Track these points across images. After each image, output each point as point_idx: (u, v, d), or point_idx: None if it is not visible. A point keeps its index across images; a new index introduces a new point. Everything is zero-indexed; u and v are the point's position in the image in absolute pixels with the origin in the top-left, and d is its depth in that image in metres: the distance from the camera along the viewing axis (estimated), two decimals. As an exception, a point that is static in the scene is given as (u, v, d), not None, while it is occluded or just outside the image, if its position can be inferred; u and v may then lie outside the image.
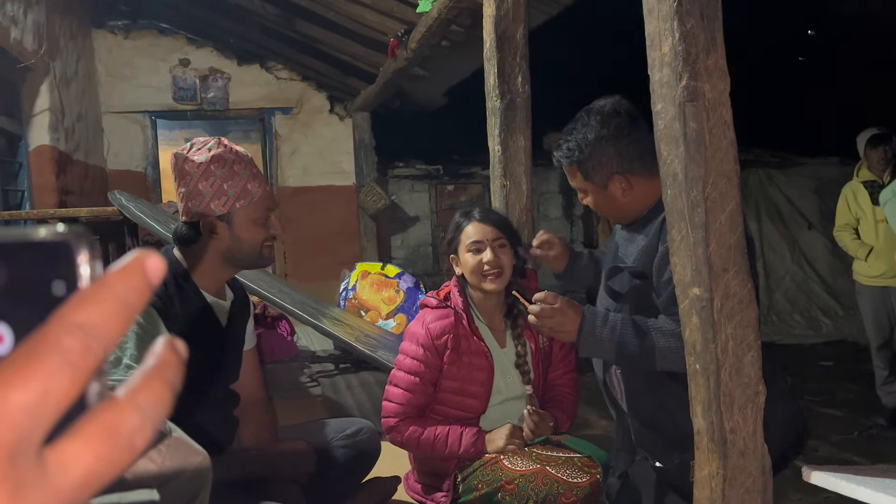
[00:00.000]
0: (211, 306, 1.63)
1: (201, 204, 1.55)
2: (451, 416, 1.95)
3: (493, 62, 2.54)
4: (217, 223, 1.56)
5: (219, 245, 1.58)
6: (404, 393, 1.92)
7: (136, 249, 0.31)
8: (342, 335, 2.87)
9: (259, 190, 1.60)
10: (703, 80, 1.49)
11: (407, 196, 6.96)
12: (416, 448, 1.94)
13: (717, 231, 1.51)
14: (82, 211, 3.16)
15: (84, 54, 5.72)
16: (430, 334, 1.91)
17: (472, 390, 1.93)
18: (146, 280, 0.28)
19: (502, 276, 1.89)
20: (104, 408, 0.28)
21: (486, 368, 1.92)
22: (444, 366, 1.91)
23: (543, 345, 2.02)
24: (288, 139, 6.68)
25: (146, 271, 0.28)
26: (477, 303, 2.00)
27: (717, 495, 1.53)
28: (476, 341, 1.92)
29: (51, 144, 4.51)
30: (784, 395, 1.71)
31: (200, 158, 1.55)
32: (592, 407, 5.54)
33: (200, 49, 6.43)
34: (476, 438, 1.89)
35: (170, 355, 0.30)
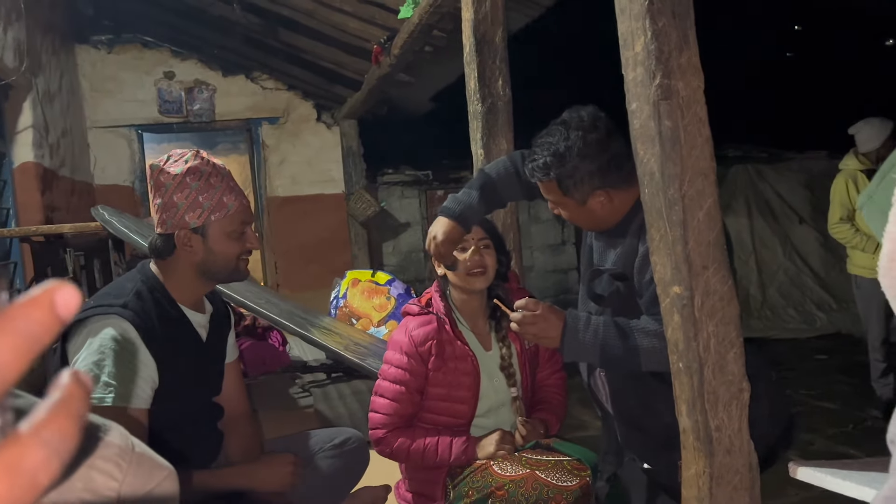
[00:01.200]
0: (189, 319, 1.62)
1: (176, 216, 1.54)
2: (440, 423, 1.94)
3: (473, 66, 2.54)
4: (191, 236, 1.55)
5: (193, 258, 1.57)
6: (390, 403, 1.91)
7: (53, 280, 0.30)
8: (331, 344, 2.86)
9: (235, 203, 1.59)
10: (676, 77, 1.49)
11: (397, 202, 6.94)
12: (406, 458, 1.93)
13: (696, 228, 1.51)
14: (65, 227, 3.14)
15: (67, 70, 5.70)
16: (413, 342, 1.90)
17: (460, 395, 1.92)
18: (54, 313, 0.27)
19: (486, 275, 1.91)
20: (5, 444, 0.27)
21: (471, 373, 1.91)
22: (430, 373, 1.90)
23: (529, 346, 2.01)
24: (276, 149, 6.67)
25: (55, 304, 0.27)
26: (459, 307, 1.99)
27: (705, 494, 1.52)
28: (460, 346, 1.91)
29: (35, 161, 4.49)
30: (769, 390, 1.71)
31: (176, 170, 1.54)
32: (587, 408, 5.54)
33: (185, 61, 6.41)
34: (466, 446, 1.88)
35: (75, 387, 0.29)
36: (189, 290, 1.61)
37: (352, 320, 4.28)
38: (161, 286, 1.59)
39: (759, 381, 1.58)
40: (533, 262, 7.32)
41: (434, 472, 1.94)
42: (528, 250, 7.29)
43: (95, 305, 1.51)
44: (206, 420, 1.72)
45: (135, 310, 1.50)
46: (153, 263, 1.63)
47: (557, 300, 7.41)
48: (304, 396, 3.59)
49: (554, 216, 7.28)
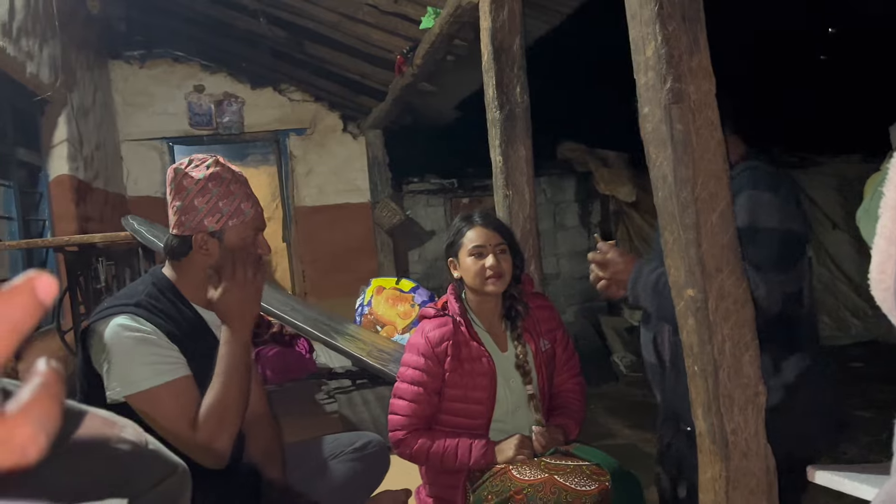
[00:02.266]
0: (204, 319, 1.65)
1: (195, 219, 1.57)
2: (458, 424, 1.95)
3: (492, 74, 2.56)
4: (209, 239, 1.58)
5: (207, 260, 1.60)
6: (409, 404, 1.93)
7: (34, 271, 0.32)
8: (354, 350, 2.89)
9: (251, 210, 1.62)
10: (687, 81, 1.50)
11: (422, 211, 6.98)
12: (426, 461, 1.94)
13: (709, 231, 1.51)
14: (96, 237, 3.23)
15: (101, 85, 5.86)
16: (429, 343, 1.93)
17: (476, 396, 1.93)
18: (36, 299, 0.29)
19: (503, 279, 1.94)
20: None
21: (487, 373, 1.92)
22: (446, 373, 1.92)
23: (545, 348, 2.02)
24: (303, 159, 6.76)
25: (36, 291, 0.29)
26: (474, 308, 2.02)
27: (721, 498, 1.51)
28: (476, 346, 1.93)
29: (70, 174, 4.62)
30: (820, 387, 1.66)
31: (199, 175, 1.58)
32: (616, 417, 5.50)
33: (214, 75, 6.55)
34: (485, 450, 1.89)
35: (52, 373, 0.31)
36: (202, 291, 1.63)
37: (377, 327, 4.31)
38: (173, 287, 1.63)
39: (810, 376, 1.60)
40: (559, 270, 7.30)
41: (453, 477, 1.95)
42: (554, 258, 7.27)
43: (109, 307, 1.55)
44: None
45: (147, 307, 1.53)
46: (166, 267, 1.67)
47: (583, 307, 7.36)
48: (329, 402, 3.63)
49: (580, 223, 7.26)
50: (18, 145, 4.12)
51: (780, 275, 1.57)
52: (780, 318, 1.59)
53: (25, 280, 0.30)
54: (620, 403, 5.74)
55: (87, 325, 1.56)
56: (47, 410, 0.30)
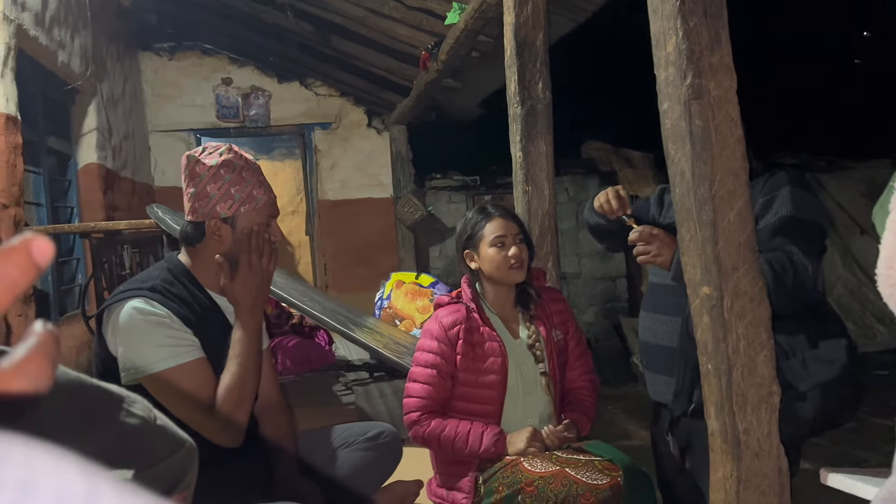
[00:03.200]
0: (218, 304, 1.67)
1: (208, 205, 1.60)
2: (470, 411, 1.97)
3: (514, 69, 2.56)
4: (221, 225, 1.60)
5: (220, 247, 1.62)
6: (423, 387, 1.97)
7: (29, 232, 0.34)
8: (370, 342, 2.91)
9: (264, 197, 1.64)
10: (707, 77, 1.49)
11: (444, 207, 6.99)
12: (437, 445, 1.96)
13: (726, 229, 1.50)
14: (121, 224, 3.28)
15: (131, 76, 5.95)
16: (442, 327, 1.98)
17: (488, 380, 1.96)
18: (31, 259, 0.30)
19: (523, 269, 2.00)
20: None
21: (499, 356, 1.96)
22: (458, 357, 1.95)
23: (557, 338, 2.05)
24: (327, 154, 6.81)
25: (32, 251, 0.30)
26: (489, 298, 2.07)
27: (732, 497, 1.51)
28: (488, 331, 1.98)
29: (98, 162, 4.69)
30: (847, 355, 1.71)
31: (211, 162, 1.60)
32: (633, 417, 5.47)
33: (242, 68, 6.61)
34: (497, 439, 1.91)
35: (48, 334, 0.32)
36: (216, 276, 1.65)
37: (395, 321, 4.33)
38: (188, 272, 1.65)
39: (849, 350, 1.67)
40: (580, 269, 7.27)
41: (463, 467, 1.96)
42: (576, 257, 7.24)
43: (124, 290, 1.58)
44: None
45: (161, 291, 1.56)
46: (181, 253, 1.70)
47: (604, 308, 7.32)
48: (346, 394, 3.65)
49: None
50: (49, 133, 4.20)
51: (818, 261, 1.71)
52: (819, 301, 1.76)
53: (22, 241, 0.30)
54: (638, 405, 5.70)
55: (103, 308, 1.59)
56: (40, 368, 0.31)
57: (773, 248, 1.69)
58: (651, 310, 2.03)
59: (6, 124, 3.10)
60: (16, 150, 3.18)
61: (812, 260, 1.67)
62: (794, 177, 1.81)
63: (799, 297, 1.65)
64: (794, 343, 1.67)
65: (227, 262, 1.58)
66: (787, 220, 1.70)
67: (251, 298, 1.58)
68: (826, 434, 4.36)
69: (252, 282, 1.57)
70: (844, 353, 1.67)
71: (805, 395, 1.63)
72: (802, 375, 1.63)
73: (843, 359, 1.65)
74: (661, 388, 1.98)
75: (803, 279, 1.63)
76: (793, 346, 1.66)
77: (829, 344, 1.68)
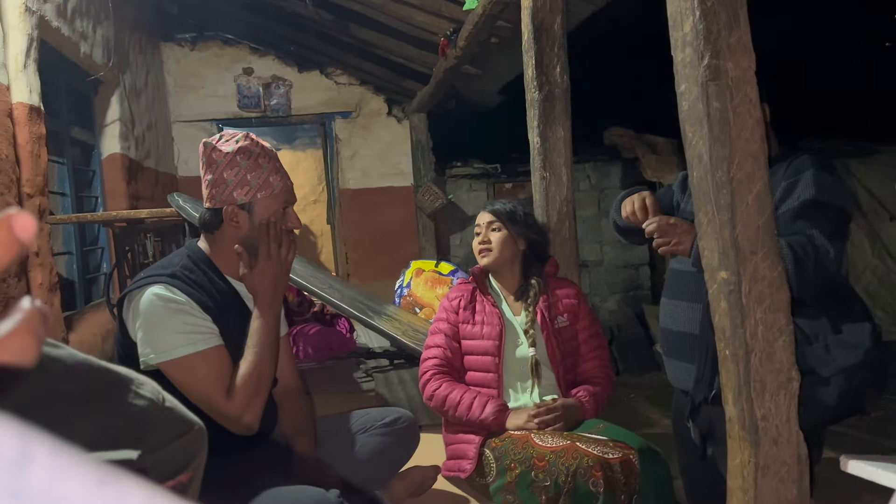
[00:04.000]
0: (237, 290, 1.68)
1: (225, 192, 1.60)
2: (474, 380, 2.12)
3: (531, 54, 2.54)
4: (238, 212, 1.61)
5: (238, 233, 1.63)
6: (433, 349, 2.16)
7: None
8: (389, 329, 2.91)
9: (280, 183, 1.64)
10: (725, 58, 1.46)
11: (465, 195, 6.97)
12: (443, 406, 2.07)
13: (745, 213, 1.47)
14: (143, 212, 3.32)
15: (153, 66, 6.00)
16: (448, 298, 2.23)
17: (486, 346, 2.10)
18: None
19: (491, 254, 2.18)
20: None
21: (497, 325, 2.10)
22: (460, 324, 2.14)
23: (561, 324, 2.14)
24: (348, 142, 6.82)
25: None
26: (496, 279, 2.25)
27: (750, 484, 1.49)
28: (489, 303, 2.16)
29: (122, 153, 4.75)
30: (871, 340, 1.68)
31: (228, 149, 1.61)
32: (656, 406, 5.44)
33: (263, 58, 6.63)
34: (499, 409, 2.00)
35: (33, 310, 0.32)
36: (235, 263, 1.66)
37: (415, 309, 4.34)
38: (207, 259, 1.66)
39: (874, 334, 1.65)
40: (602, 257, 7.22)
41: (468, 446, 2.05)
42: (598, 245, 7.19)
43: (145, 277, 1.60)
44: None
45: (181, 278, 1.57)
46: (201, 240, 1.71)
47: (627, 296, 7.27)
48: (366, 381, 3.67)
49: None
50: (73, 124, 4.25)
51: (841, 245, 1.69)
52: (842, 284, 1.74)
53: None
54: (661, 393, 5.67)
55: (124, 294, 1.61)
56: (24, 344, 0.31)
57: (794, 231, 1.66)
58: (672, 296, 2.02)
59: (30, 115, 3.15)
60: (40, 140, 3.22)
61: (834, 243, 1.64)
62: (818, 160, 1.78)
63: (821, 282, 1.62)
64: (816, 327, 1.64)
65: (246, 251, 1.59)
66: (810, 204, 1.67)
67: (270, 289, 1.59)
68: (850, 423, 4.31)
69: (271, 272, 1.58)
70: (868, 337, 1.63)
71: (828, 380, 1.61)
72: (825, 360, 1.61)
73: (867, 343, 1.62)
74: (682, 374, 1.96)
75: (825, 263, 1.60)
76: (815, 330, 1.64)
77: (853, 328, 1.64)
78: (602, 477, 1.71)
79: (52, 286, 3.31)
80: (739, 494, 1.51)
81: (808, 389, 1.54)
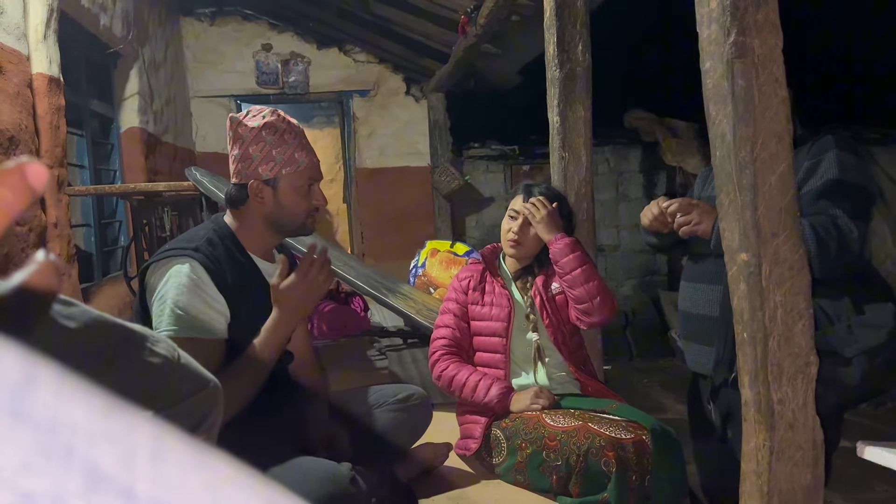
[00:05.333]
0: (258, 267, 1.69)
1: (250, 167, 1.61)
2: (482, 360, 2.12)
3: (553, 31, 2.50)
4: (263, 187, 1.62)
5: (263, 209, 1.64)
6: (443, 329, 2.16)
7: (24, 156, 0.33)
8: (403, 307, 2.92)
9: (306, 160, 1.65)
10: (752, 35, 1.42)
11: (482, 176, 6.94)
12: (450, 386, 2.08)
13: (767, 194, 1.44)
14: (160, 185, 3.33)
15: (172, 41, 5.99)
16: (458, 278, 2.22)
17: (494, 327, 2.09)
18: (25, 182, 0.30)
19: (519, 248, 2.12)
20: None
21: (506, 306, 2.09)
22: (469, 304, 2.13)
23: (556, 292, 2.12)
24: (365, 121, 6.80)
25: (27, 174, 0.30)
26: (508, 260, 2.22)
27: (764, 468, 1.47)
28: (499, 285, 2.14)
29: (140, 126, 4.76)
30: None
31: (254, 124, 1.61)
32: (669, 391, 5.43)
33: (282, 34, 6.61)
34: (503, 392, 1.99)
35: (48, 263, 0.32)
36: (259, 240, 1.68)
37: (430, 289, 4.34)
38: (232, 234, 1.67)
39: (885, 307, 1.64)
40: (619, 242, 7.17)
41: (475, 426, 2.07)
42: (615, 229, 7.14)
43: (170, 249, 1.61)
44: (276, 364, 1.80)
45: (205, 253, 1.58)
46: (227, 216, 1.72)
47: (643, 282, 7.23)
48: (380, 359, 3.69)
49: (644, 194, 7.10)
50: (92, 96, 4.27)
51: (865, 225, 1.67)
52: (865, 266, 1.74)
53: (17, 165, 0.30)
54: (674, 378, 5.65)
55: (148, 264, 1.61)
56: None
57: (817, 211, 1.64)
58: (692, 279, 2.01)
59: (49, 86, 3.15)
60: (59, 111, 3.23)
61: (858, 224, 1.62)
62: (841, 140, 1.76)
63: (844, 262, 1.61)
64: (838, 308, 1.62)
65: (286, 263, 1.59)
66: (833, 184, 1.66)
67: (292, 305, 1.56)
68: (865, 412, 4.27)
69: (300, 290, 1.55)
70: (892, 318, 1.62)
71: (850, 361, 1.60)
72: (848, 341, 1.59)
73: (891, 324, 1.60)
74: (701, 357, 1.95)
75: (848, 243, 1.59)
76: (837, 311, 1.62)
77: (875, 309, 1.63)
78: (614, 457, 1.71)
79: (70, 258, 3.33)
80: (753, 478, 1.50)
81: (831, 370, 1.53)
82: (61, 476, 0.19)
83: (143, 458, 0.20)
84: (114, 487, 0.19)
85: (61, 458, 0.19)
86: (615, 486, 1.71)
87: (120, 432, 0.21)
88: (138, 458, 0.20)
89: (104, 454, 0.20)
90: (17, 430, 0.19)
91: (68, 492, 0.19)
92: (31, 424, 0.19)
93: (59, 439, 0.20)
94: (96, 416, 0.21)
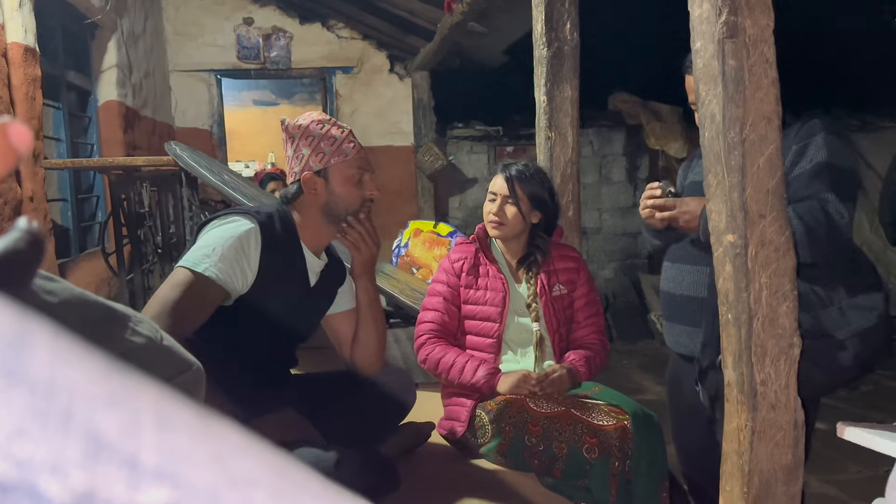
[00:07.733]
0: (306, 261, 1.76)
1: (302, 162, 1.69)
2: (473, 344, 2.08)
3: (541, 8, 2.48)
4: (315, 179, 1.69)
5: (317, 199, 1.71)
6: (430, 313, 2.11)
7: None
8: (386, 287, 2.90)
9: (353, 150, 1.72)
10: (743, 14, 1.42)
11: (465, 157, 6.90)
12: (437, 368, 2.05)
13: (755, 175, 1.45)
14: (139, 160, 3.27)
15: (152, 13, 5.87)
16: (450, 259, 2.15)
17: (487, 311, 2.06)
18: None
19: (501, 228, 2.09)
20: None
21: (500, 291, 2.06)
22: (462, 288, 2.08)
23: (559, 292, 2.10)
24: (348, 99, 6.72)
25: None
26: (501, 244, 2.17)
27: (745, 448, 1.49)
28: (493, 268, 2.11)
29: (118, 100, 4.67)
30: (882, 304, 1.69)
31: (302, 122, 1.71)
32: (647, 373, 5.49)
33: (264, 8, 6.50)
34: (490, 373, 1.98)
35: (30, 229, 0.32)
36: (314, 233, 1.75)
37: (412, 269, 4.33)
38: (292, 221, 1.74)
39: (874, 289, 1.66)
40: (601, 225, 7.20)
41: (460, 409, 2.05)
42: (597, 212, 7.16)
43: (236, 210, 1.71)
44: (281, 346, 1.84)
45: (264, 224, 1.65)
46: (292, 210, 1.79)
47: (624, 265, 7.27)
48: (361, 338, 3.67)
49: (626, 178, 7.11)
50: (69, 68, 4.17)
51: (854, 208, 1.68)
52: (855, 249, 1.75)
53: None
54: (654, 360, 5.71)
55: (212, 218, 1.69)
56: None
57: (808, 195, 1.65)
58: (675, 260, 2.01)
59: (24, 55, 3.07)
60: (34, 82, 3.15)
61: (848, 206, 1.63)
62: (829, 124, 1.76)
63: (835, 246, 1.62)
64: (830, 291, 1.64)
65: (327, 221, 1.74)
66: (823, 167, 1.66)
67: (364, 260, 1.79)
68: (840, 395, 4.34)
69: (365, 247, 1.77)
70: (881, 300, 1.64)
71: (843, 343, 1.61)
72: (840, 323, 1.61)
73: (881, 307, 1.62)
74: (682, 338, 1.96)
75: (839, 226, 1.60)
76: (829, 294, 1.64)
77: (866, 291, 1.64)
78: (597, 444, 1.73)
79: (47, 232, 3.27)
80: (734, 458, 1.52)
81: (824, 352, 1.54)
82: (59, 443, 0.17)
83: (148, 425, 0.19)
84: (117, 456, 0.18)
85: (59, 424, 0.18)
86: (596, 472, 1.72)
87: (122, 397, 0.19)
88: (143, 425, 0.19)
89: (106, 420, 0.18)
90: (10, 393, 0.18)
91: (67, 460, 0.17)
92: (25, 386, 0.18)
93: (57, 403, 0.18)
94: (97, 379, 0.19)
